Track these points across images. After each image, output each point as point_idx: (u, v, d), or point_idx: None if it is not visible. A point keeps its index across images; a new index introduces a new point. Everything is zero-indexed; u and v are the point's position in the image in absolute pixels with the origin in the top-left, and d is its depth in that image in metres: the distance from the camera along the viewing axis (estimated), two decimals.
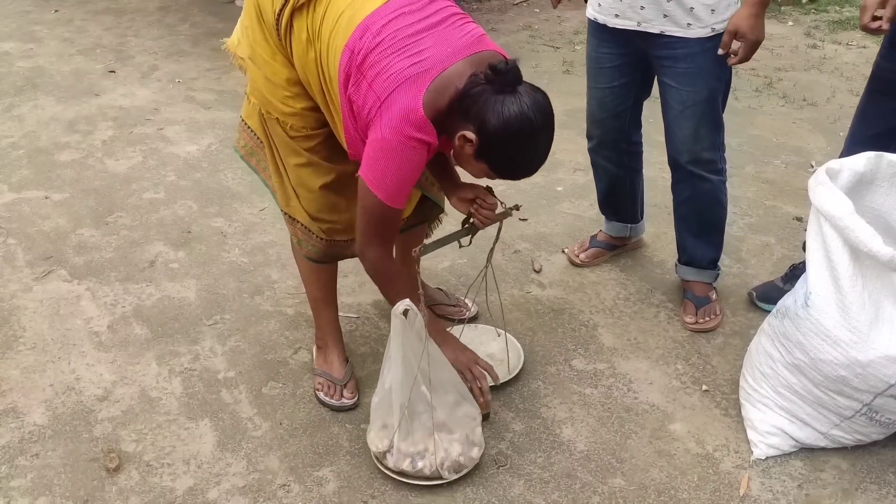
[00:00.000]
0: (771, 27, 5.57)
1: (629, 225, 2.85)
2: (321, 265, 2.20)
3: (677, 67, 2.27)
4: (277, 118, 1.97)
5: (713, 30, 2.20)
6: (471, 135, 1.68)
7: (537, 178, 3.48)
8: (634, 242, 2.94)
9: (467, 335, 2.40)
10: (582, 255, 2.87)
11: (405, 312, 1.78)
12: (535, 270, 2.85)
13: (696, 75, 2.26)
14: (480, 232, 2.11)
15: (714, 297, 2.60)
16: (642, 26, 2.25)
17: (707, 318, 2.53)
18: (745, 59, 2.17)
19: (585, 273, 2.83)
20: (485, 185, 2.07)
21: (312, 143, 1.99)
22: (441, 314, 2.57)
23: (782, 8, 6.03)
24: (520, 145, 1.71)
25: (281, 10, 1.83)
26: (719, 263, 2.63)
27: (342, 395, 2.20)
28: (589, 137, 2.65)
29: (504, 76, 1.65)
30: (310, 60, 1.83)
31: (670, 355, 2.42)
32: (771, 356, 2.03)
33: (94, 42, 5.42)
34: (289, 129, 1.97)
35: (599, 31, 2.40)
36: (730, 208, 2.76)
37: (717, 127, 2.37)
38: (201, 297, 2.70)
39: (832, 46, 5.19)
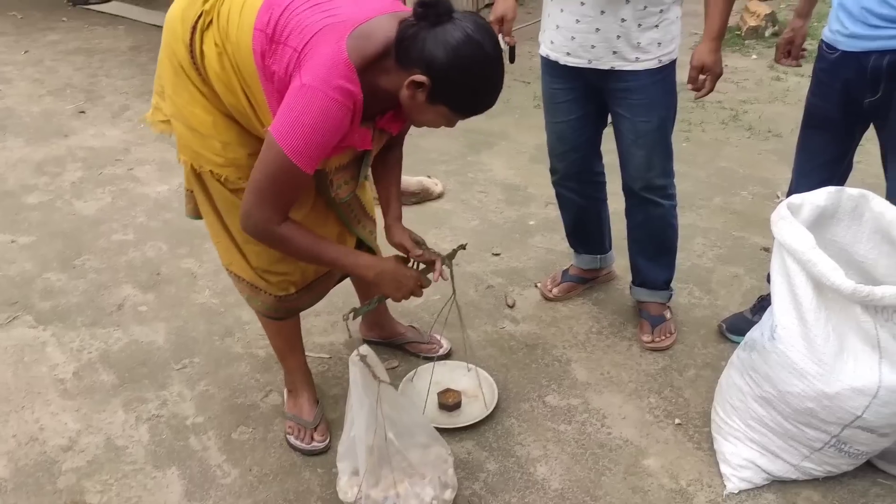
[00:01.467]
0: (735, 61, 5.70)
1: (598, 256, 2.88)
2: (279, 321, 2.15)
3: (629, 99, 2.34)
4: (212, 171, 1.85)
5: (660, 61, 2.27)
6: (420, 77, 1.55)
7: (510, 212, 3.53)
8: (606, 274, 2.96)
9: (439, 371, 2.39)
10: (554, 290, 2.88)
11: (363, 358, 1.76)
12: (508, 306, 2.85)
13: (648, 106, 2.34)
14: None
15: (668, 315, 2.68)
16: (593, 64, 2.31)
17: (662, 337, 2.61)
18: (711, 90, 2.29)
19: (558, 307, 2.83)
20: (414, 239, 2.01)
21: None
22: (414, 352, 2.55)
23: (746, 42, 6.15)
24: (475, 72, 1.58)
25: (191, 38, 1.72)
26: (672, 284, 2.71)
27: (312, 439, 2.18)
28: (552, 171, 2.69)
29: (435, 7, 1.54)
30: (226, 72, 1.71)
31: (643, 389, 2.42)
32: (741, 389, 2.03)
33: (64, 82, 5.40)
34: (225, 181, 1.85)
35: (552, 68, 2.45)
36: (699, 240, 2.77)
37: (668, 154, 2.46)
38: (170, 341, 2.66)
39: (795, 79, 5.29)
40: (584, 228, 2.81)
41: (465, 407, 2.32)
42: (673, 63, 2.31)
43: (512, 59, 2.50)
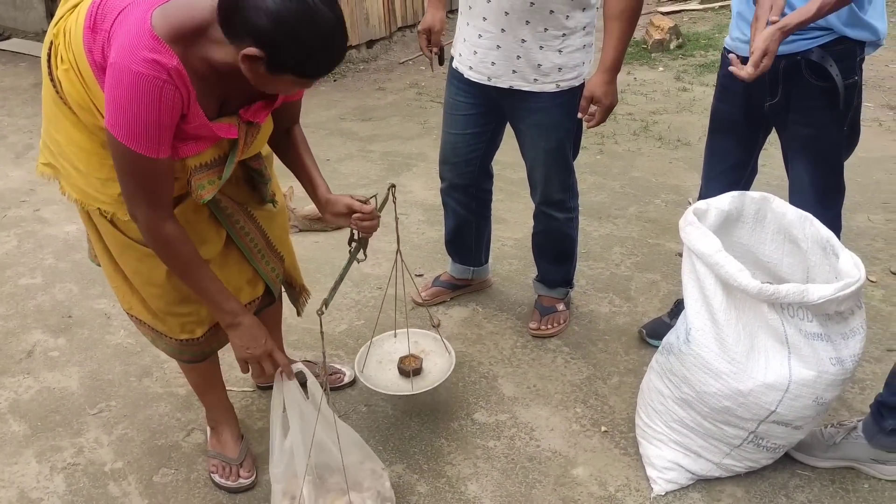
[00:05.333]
0: (644, 73, 5.88)
1: (472, 268, 2.96)
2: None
3: (529, 119, 2.41)
4: (100, 209, 1.76)
5: (558, 86, 2.32)
6: (252, 50, 1.43)
7: (431, 232, 3.53)
8: (479, 283, 3.05)
9: (389, 343, 2.38)
10: (424, 294, 2.96)
11: (297, 375, 1.74)
12: (433, 325, 2.85)
13: (546, 127, 2.40)
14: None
15: (560, 308, 2.80)
16: (493, 81, 2.35)
17: (549, 326, 2.76)
18: (601, 121, 2.33)
19: (483, 324, 2.85)
20: (351, 195, 1.93)
21: None
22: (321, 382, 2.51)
23: (653, 55, 6.35)
24: (307, 33, 1.44)
25: (49, 69, 1.64)
26: (573, 281, 2.86)
27: (238, 476, 2.12)
28: (441, 178, 2.75)
29: None
30: (76, 88, 1.60)
31: (569, 399, 2.45)
32: (661, 392, 2.07)
33: None
34: (114, 219, 1.76)
35: (458, 80, 2.48)
36: (616, 249, 2.82)
37: (567, 171, 2.54)
38: (85, 385, 2.56)
39: (700, 88, 5.48)
40: (463, 239, 2.89)
41: (425, 372, 2.27)
42: (575, 89, 2.34)
43: (441, 62, 2.60)
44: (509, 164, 3.61)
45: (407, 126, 4.98)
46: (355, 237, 1.96)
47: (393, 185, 2.01)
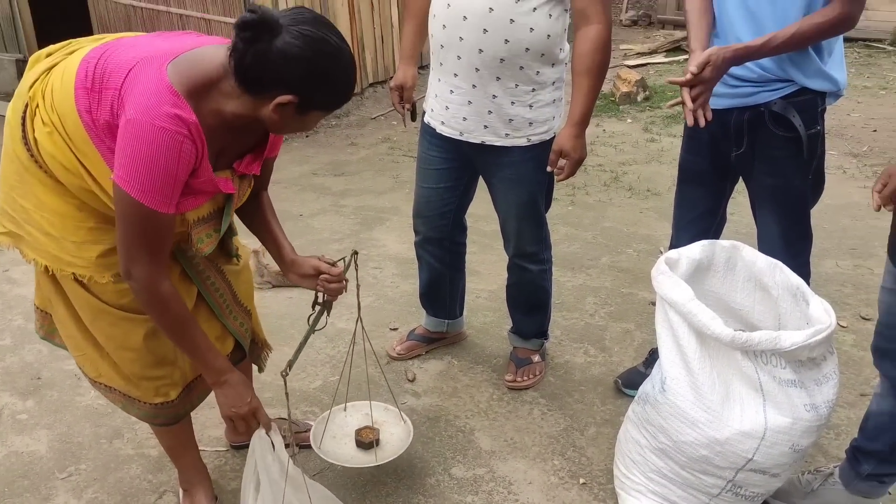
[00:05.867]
0: (612, 125, 6.00)
1: (447, 321, 2.96)
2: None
3: (501, 173, 2.44)
4: (74, 274, 1.73)
5: (529, 140, 2.36)
6: (285, 98, 1.50)
7: (405, 286, 3.53)
8: (454, 336, 3.04)
9: (350, 415, 2.35)
10: (398, 348, 2.95)
11: (269, 434, 1.72)
12: (408, 380, 2.83)
13: (518, 181, 2.44)
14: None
15: (536, 359, 2.80)
16: (464, 136, 2.38)
17: (524, 378, 2.75)
18: (570, 174, 2.35)
19: (459, 377, 2.83)
20: (318, 256, 1.95)
21: (122, 288, 1.72)
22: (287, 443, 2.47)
23: (621, 107, 6.49)
24: (333, 69, 1.53)
25: (24, 130, 1.63)
26: (548, 332, 2.85)
27: None
28: (415, 232, 2.76)
29: (263, 23, 1.45)
30: (60, 149, 1.60)
31: (547, 451, 2.43)
32: (638, 442, 2.07)
33: None
34: (90, 283, 1.74)
35: (430, 134, 2.52)
36: (590, 299, 2.83)
37: (539, 224, 2.56)
38: (54, 449, 2.50)
39: (668, 139, 5.60)
40: (437, 292, 2.89)
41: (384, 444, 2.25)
42: (546, 143, 2.38)
43: (413, 118, 2.63)
44: (482, 216, 3.64)
45: (379, 180, 5.02)
46: (319, 300, 1.96)
47: (355, 252, 2.02)
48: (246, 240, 2.12)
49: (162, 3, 5.92)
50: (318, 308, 1.95)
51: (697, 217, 2.49)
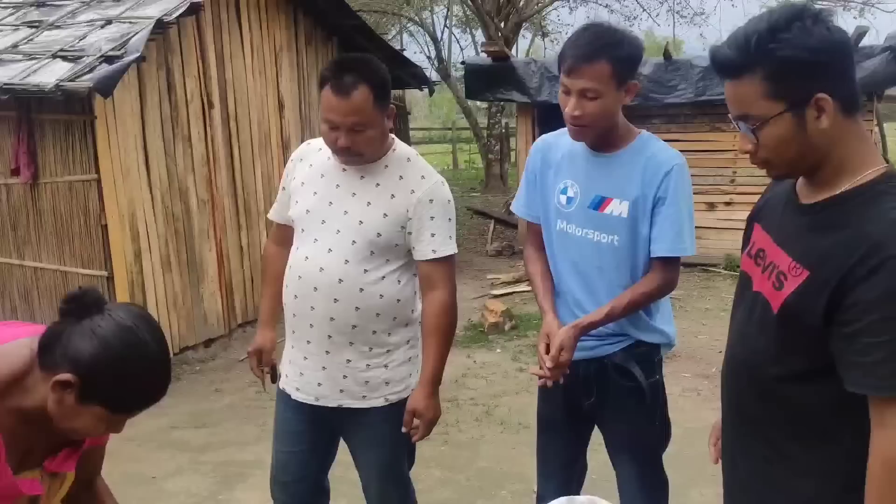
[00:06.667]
0: (483, 356, 6.11)
1: None
2: None
3: (359, 434, 2.40)
4: None
5: (387, 399, 2.35)
6: (66, 376, 1.35)
7: None
8: None
9: None
10: None
11: None
12: None
13: (379, 443, 2.39)
14: None
15: None
16: (320, 401, 2.35)
17: None
18: (425, 435, 2.34)
19: None
20: None
21: None
22: None
23: (490, 337, 6.65)
24: (131, 362, 1.40)
25: None
26: None
27: None
28: (273, 499, 2.59)
29: (81, 299, 1.40)
30: None
31: None
32: None
33: None
34: None
35: (285, 400, 2.46)
36: None
37: (404, 485, 2.50)
38: None
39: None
40: None
41: None
42: (404, 401, 2.36)
43: (274, 380, 2.55)
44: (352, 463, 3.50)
45: (244, 430, 4.79)
46: None
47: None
48: None
49: (16, 256, 5.75)
50: None
51: (559, 468, 2.52)
